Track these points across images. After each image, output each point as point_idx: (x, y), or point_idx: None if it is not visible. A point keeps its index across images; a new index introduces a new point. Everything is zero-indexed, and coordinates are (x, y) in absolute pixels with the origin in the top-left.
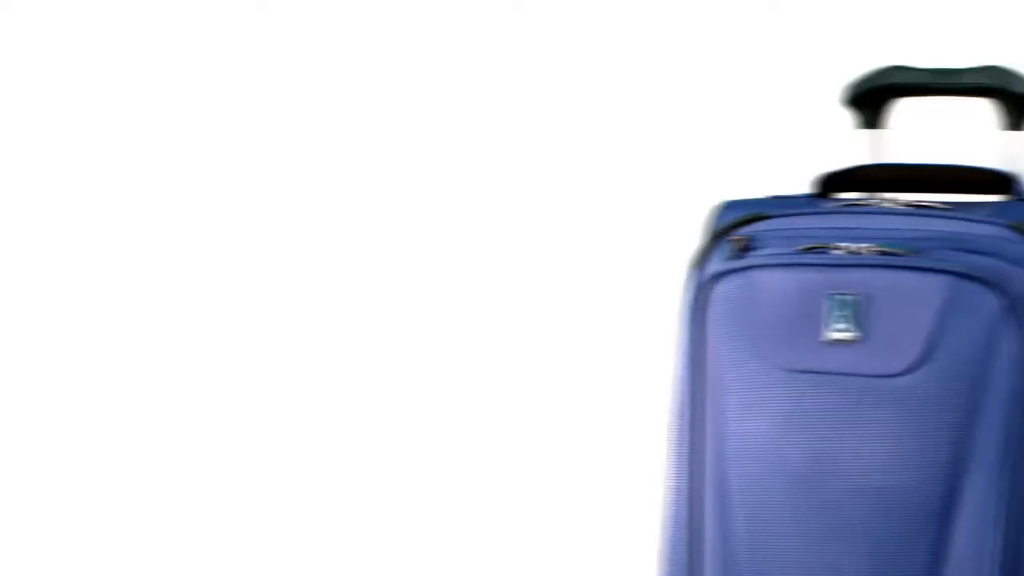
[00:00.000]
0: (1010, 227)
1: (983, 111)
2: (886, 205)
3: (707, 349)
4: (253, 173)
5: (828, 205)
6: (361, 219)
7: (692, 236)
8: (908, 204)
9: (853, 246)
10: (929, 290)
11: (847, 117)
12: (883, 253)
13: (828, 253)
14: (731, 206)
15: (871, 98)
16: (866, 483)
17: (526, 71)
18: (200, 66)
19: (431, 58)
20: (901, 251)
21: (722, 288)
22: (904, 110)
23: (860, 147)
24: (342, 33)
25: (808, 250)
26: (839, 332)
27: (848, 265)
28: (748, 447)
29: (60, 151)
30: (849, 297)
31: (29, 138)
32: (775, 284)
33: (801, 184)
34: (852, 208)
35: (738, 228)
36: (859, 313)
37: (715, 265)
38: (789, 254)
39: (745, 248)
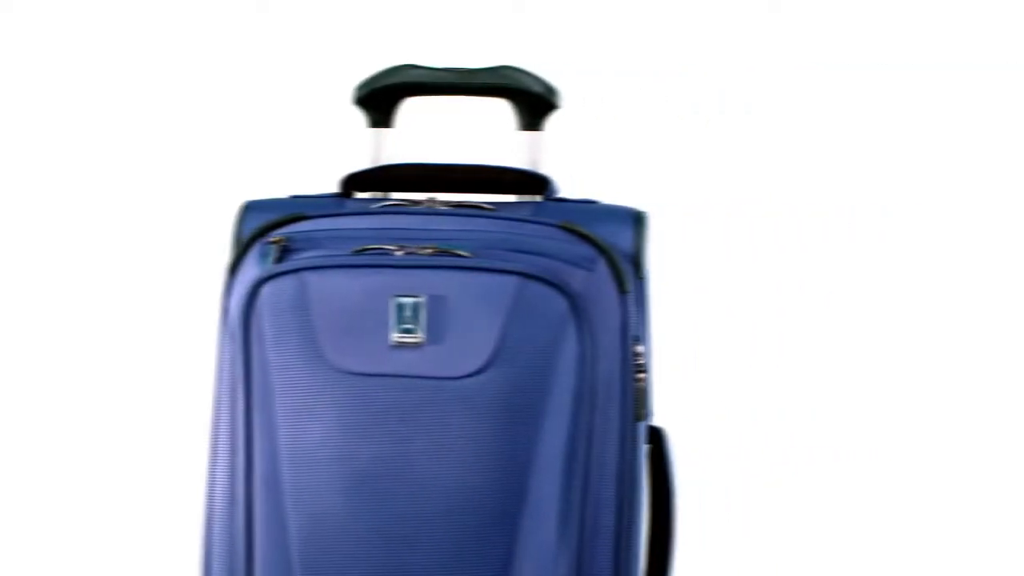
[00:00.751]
0: (560, 227)
1: (505, 111)
2: (433, 205)
3: (253, 355)
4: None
5: (373, 205)
6: None
7: (206, 238)
8: (456, 204)
9: (412, 247)
10: (495, 291)
11: (360, 116)
12: (443, 254)
13: (387, 254)
14: (254, 207)
15: (381, 97)
16: (432, 487)
17: None
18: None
19: None
20: (463, 252)
21: (269, 292)
22: (426, 109)
23: (373, 146)
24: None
25: (363, 251)
26: (404, 335)
27: (412, 267)
28: (304, 453)
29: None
30: (414, 299)
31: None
32: (332, 287)
33: (314, 184)
34: (399, 208)
35: (275, 229)
36: (425, 315)
37: (257, 269)
38: (344, 256)
39: (285, 250)
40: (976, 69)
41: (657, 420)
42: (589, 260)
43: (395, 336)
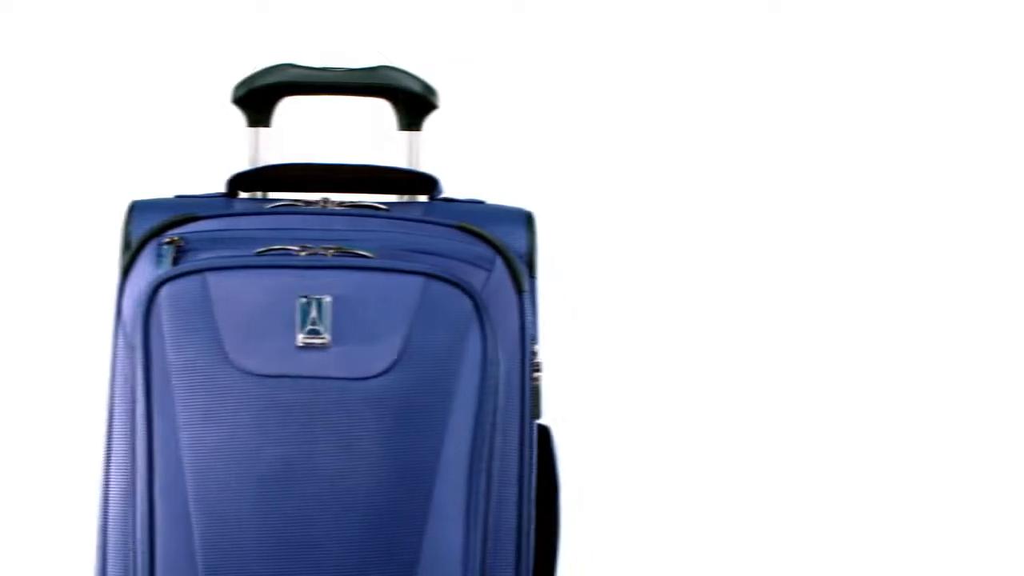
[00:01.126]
0: (458, 228)
1: (386, 110)
2: (327, 205)
3: (153, 357)
4: None
5: (267, 206)
6: None
7: (79, 238)
8: (350, 205)
9: (314, 247)
10: (400, 292)
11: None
12: (347, 255)
13: (290, 255)
14: (142, 207)
15: (260, 96)
16: (338, 489)
17: None
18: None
19: None
20: (365, 253)
21: (169, 293)
22: (307, 108)
23: (251, 145)
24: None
25: (266, 252)
26: (310, 336)
27: (316, 267)
28: (208, 455)
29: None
30: (319, 300)
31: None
32: (235, 287)
33: (186, 183)
34: (294, 209)
35: (168, 230)
36: (331, 316)
37: (152, 269)
38: (247, 256)
39: (180, 250)
40: (973, 73)
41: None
42: (487, 260)
43: (301, 337)
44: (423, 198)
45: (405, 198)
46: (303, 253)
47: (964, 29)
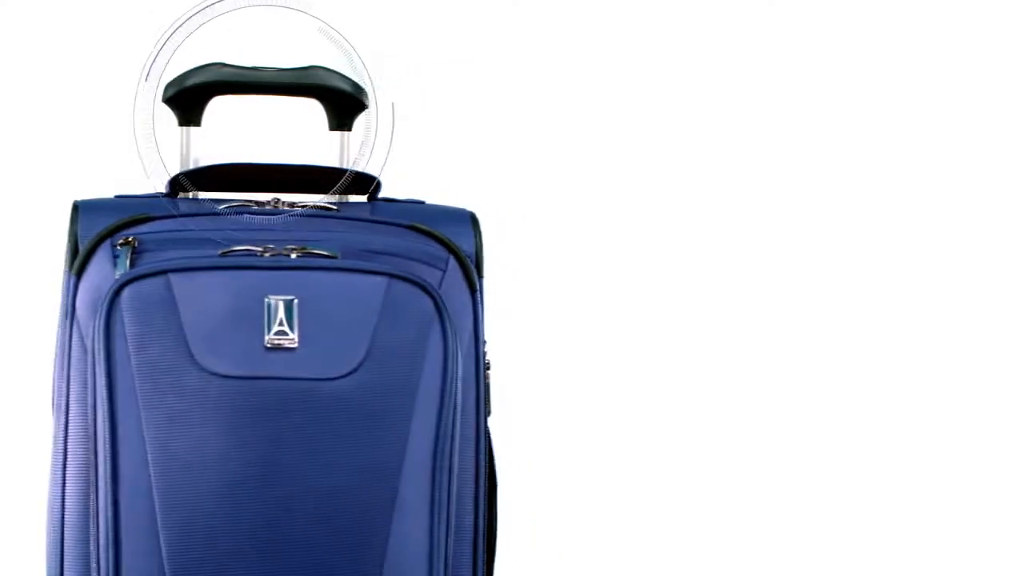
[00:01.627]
0: (410, 228)
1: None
2: (278, 206)
3: (115, 359)
4: None
5: (220, 207)
6: None
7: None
8: (303, 206)
9: (276, 248)
10: (366, 292)
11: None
12: (311, 255)
13: (255, 256)
14: (88, 208)
15: (190, 95)
16: (306, 490)
17: None
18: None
19: None
20: (330, 253)
21: (131, 294)
22: (241, 108)
23: (182, 145)
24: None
25: (229, 252)
26: (278, 336)
27: (282, 268)
28: (175, 459)
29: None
30: (286, 301)
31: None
32: (201, 288)
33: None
34: (248, 209)
35: (121, 230)
36: (298, 317)
37: (107, 270)
38: (211, 257)
39: (136, 251)
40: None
41: None
42: (442, 260)
43: (268, 338)
44: (357, 198)
45: (335, 198)
46: (267, 254)
47: (963, 28)
